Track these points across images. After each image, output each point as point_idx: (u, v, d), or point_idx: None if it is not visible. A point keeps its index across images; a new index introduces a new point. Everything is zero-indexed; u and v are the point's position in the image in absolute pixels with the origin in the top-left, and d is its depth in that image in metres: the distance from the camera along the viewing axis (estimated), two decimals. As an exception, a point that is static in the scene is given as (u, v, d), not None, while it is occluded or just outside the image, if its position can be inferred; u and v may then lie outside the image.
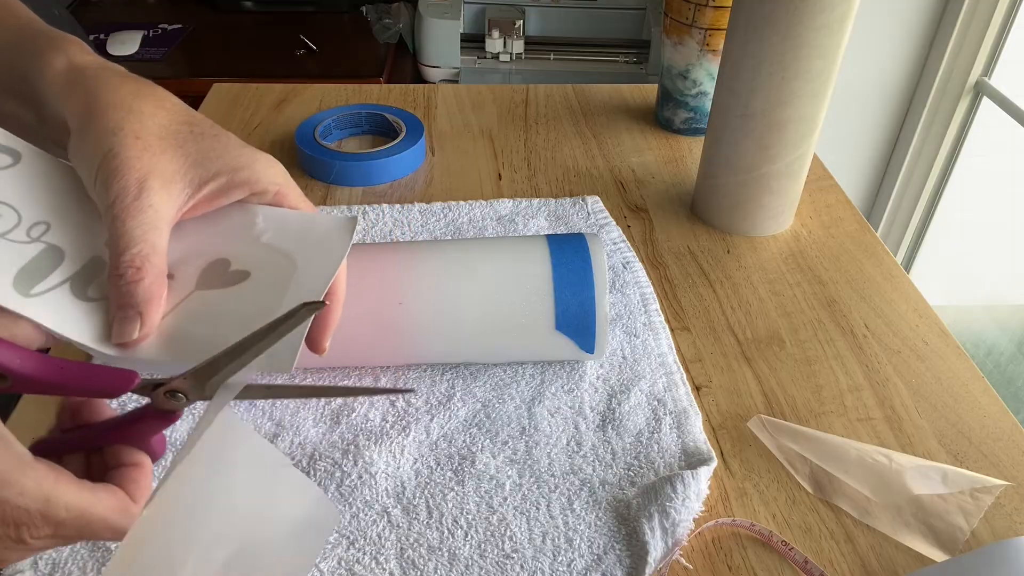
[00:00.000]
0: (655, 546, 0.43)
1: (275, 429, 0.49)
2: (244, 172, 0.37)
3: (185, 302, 0.36)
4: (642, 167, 0.78)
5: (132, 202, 0.33)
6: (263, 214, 0.38)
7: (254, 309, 0.35)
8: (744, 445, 0.50)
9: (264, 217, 0.38)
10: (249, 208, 0.39)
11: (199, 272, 0.37)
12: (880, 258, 0.66)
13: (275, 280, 0.36)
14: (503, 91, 0.91)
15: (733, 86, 0.62)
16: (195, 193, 0.36)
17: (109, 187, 0.33)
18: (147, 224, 0.34)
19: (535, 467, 0.48)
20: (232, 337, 0.33)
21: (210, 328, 0.35)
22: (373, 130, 0.81)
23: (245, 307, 0.35)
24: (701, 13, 0.74)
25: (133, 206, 0.33)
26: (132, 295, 0.33)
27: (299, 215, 0.39)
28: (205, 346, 0.34)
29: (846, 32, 0.58)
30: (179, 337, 0.35)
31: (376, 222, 0.68)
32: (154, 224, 0.34)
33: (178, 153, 0.35)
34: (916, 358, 0.57)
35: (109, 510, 0.31)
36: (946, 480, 0.46)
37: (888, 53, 1.60)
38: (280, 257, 0.37)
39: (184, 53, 1.48)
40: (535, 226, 0.68)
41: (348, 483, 0.46)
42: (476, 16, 1.51)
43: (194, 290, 0.36)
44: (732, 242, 0.68)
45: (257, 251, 0.38)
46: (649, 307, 0.60)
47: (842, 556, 0.44)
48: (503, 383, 0.53)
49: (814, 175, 0.76)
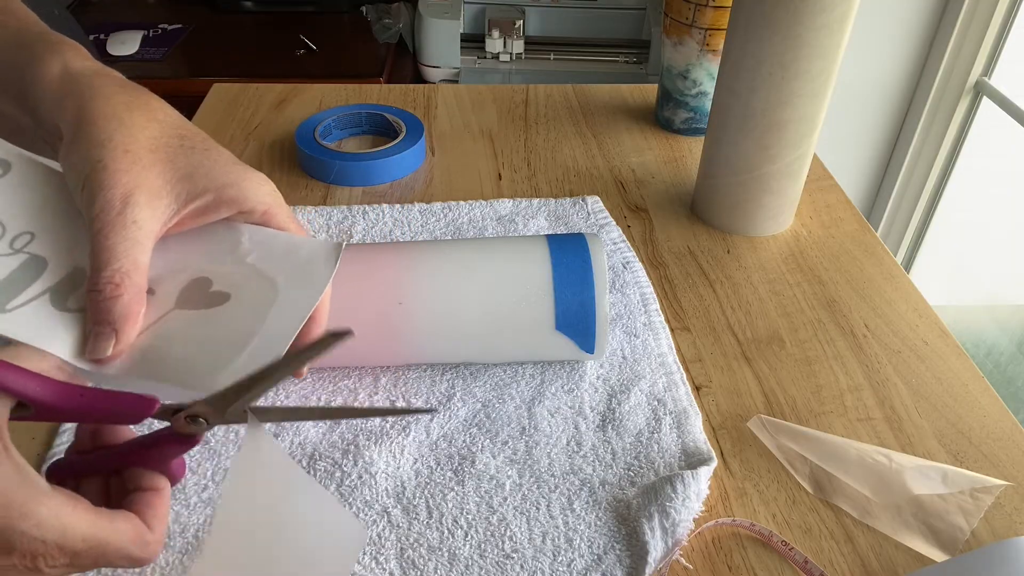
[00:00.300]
0: (655, 546, 0.43)
1: (275, 429, 0.49)
2: (232, 189, 0.36)
3: (163, 320, 0.36)
4: (642, 167, 0.78)
5: (116, 216, 0.33)
6: (249, 233, 0.38)
7: (231, 333, 0.35)
8: (744, 445, 0.50)
9: (250, 237, 0.38)
10: (236, 227, 0.38)
11: (179, 290, 0.37)
12: (880, 258, 0.66)
13: (255, 305, 0.36)
14: (503, 91, 0.91)
15: (733, 86, 0.62)
16: (181, 208, 0.36)
17: (94, 200, 0.33)
18: (130, 240, 0.33)
19: (535, 467, 0.48)
20: (206, 360, 0.33)
21: (185, 349, 0.35)
22: (373, 130, 0.81)
23: (222, 331, 0.35)
24: (701, 13, 0.74)
25: (116, 220, 0.33)
26: (109, 312, 0.33)
27: (286, 238, 0.39)
28: (178, 367, 0.34)
29: (846, 32, 0.58)
30: (152, 358, 0.34)
31: (376, 222, 0.68)
32: (137, 240, 0.34)
33: (167, 167, 0.35)
34: (916, 358, 0.57)
35: (126, 540, 0.31)
36: (946, 480, 0.46)
37: (888, 53, 1.60)
38: (263, 281, 0.37)
39: (184, 53, 1.48)
40: (535, 226, 0.68)
41: (348, 483, 0.46)
42: (476, 16, 1.51)
43: (173, 308, 0.36)
44: (732, 242, 0.68)
45: (240, 272, 0.37)
46: (649, 307, 0.60)
47: (842, 556, 0.44)
48: (503, 383, 0.53)
49: (814, 175, 0.76)
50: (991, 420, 0.52)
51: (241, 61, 1.48)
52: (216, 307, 0.36)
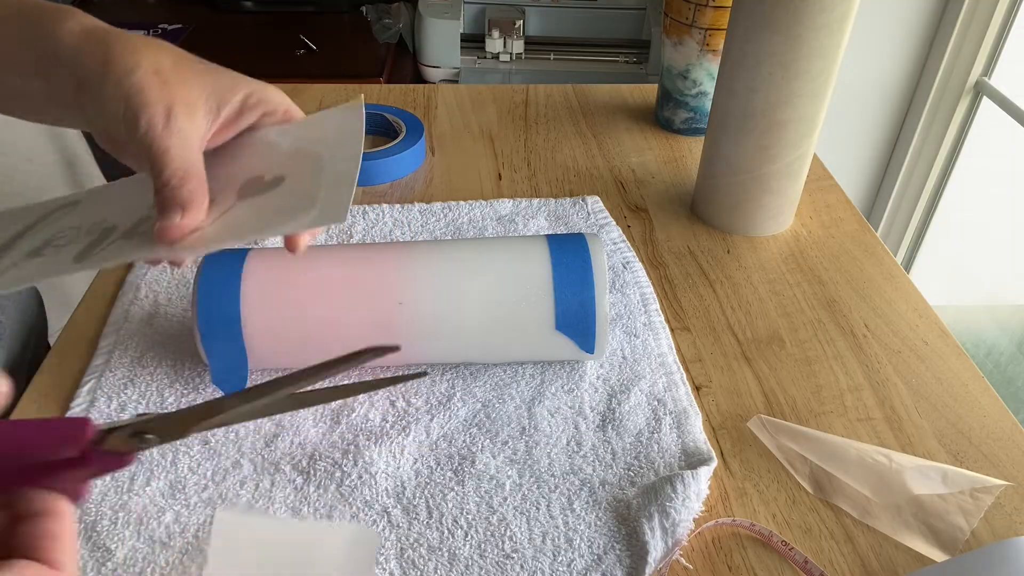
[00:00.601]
0: (655, 546, 0.43)
1: (275, 429, 0.49)
2: (255, 95, 0.40)
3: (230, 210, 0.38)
4: (642, 167, 0.78)
5: (163, 129, 0.36)
6: (275, 131, 0.42)
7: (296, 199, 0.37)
8: (744, 445, 0.50)
9: (277, 132, 0.41)
10: (261, 131, 0.42)
11: (236, 190, 0.39)
12: (880, 258, 0.66)
13: (310, 172, 0.39)
14: (503, 91, 0.91)
15: (733, 86, 0.62)
16: (215, 118, 0.39)
17: (138, 120, 0.36)
18: (181, 145, 0.36)
19: (535, 467, 0.48)
20: (278, 223, 0.36)
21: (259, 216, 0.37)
22: (373, 130, 0.81)
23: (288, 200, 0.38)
24: (701, 13, 0.74)
25: (164, 132, 0.36)
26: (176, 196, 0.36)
27: (308, 118, 0.42)
28: (254, 225, 0.37)
29: (846, 32, 0.58)
30: (229, 223, 0.37)
31: (376, 222, 0.68)
32: (188, 144, 0.37)
33: (195, 82, 0.38)
34: (916, 358, 0.57)
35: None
36: (946, 480, 0.46)
37: (888, 53, 1.60)
38: (305, 155, 0.40)
39: (184, 53, 1.47)
40: (535, 226, 0.68)
41: (348, 483, 0.46)
42: (476, 16, 1.51)
43: (236, 202, 0.39)
44: (732, 242, 0.68)
45: (283, 158, 0.40)
46: (649, 307, 0.60)
47: (842, 556, 0.44)
48: (503, 383, 0.53)
49: (814, 175, 0.76)
50: (991, 420, 0.52)
51: (241, 61, 1.46)
52: (274, 189, 0.39)
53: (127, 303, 0.58)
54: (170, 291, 0.60)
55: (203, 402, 0.32)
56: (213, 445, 0.48)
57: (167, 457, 0.47)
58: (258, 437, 0.49)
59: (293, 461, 0.47)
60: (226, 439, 0.49)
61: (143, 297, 0.59)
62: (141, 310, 0.58)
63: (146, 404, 0.51)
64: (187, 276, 0.61)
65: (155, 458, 0.47)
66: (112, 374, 0.52)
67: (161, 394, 0.51)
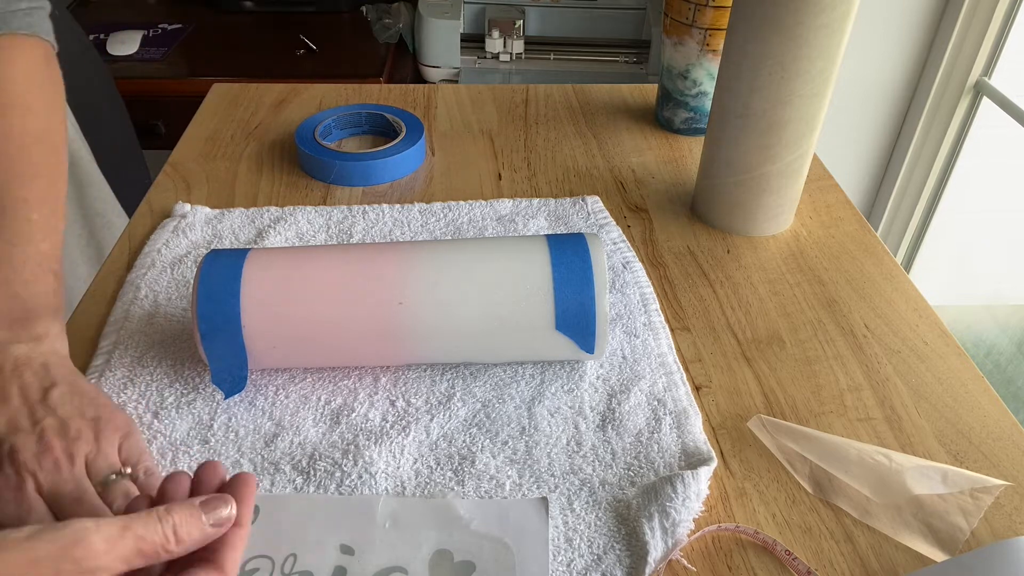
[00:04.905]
0: (655, 546, 0.43)
1: (275, 429, 0.49)
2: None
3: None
4: (642, 167, 0.78)
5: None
6: (463, 504, 0.44)
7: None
8: (744, 445, 0.50)
9: (465, 507, 0.44)
10: (449, 500, 0.45)
11: (427, 565, 0.41)
12: (880, 258, 0.66)
13: (500, 568, 0.41)
14: (503, 91, 0.91)
15: (733, 86, 0.62)
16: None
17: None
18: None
19: (535, 467, 0.48)
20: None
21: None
22: (373, 130, 0.81)
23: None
24: (701, 13, 0.74)
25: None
26: None
27: (495, 503, 0.45)
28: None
29: (846, 32, 0.58)
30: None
31: (376, 222, 0.68)
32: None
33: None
34: (916, 358, 0.57)
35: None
36: (946, 480, 0.46)
37: (888, 53, 1.60)
38: (495, 544, 0.42)
39: (184, 53, 1.48)
40: (535, 226, 0.68)
41: (348, 483, 0.46)
42: (476, 16, 1.51)
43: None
44: (732, 242, 0.68)
45: (471, 541, 0.43)
46: (649, 307, 0.60)
47: (842, 556, 0.44)
48: (503, 383, 0.53)
49: (814, 175, 0.76)
50: (991, 420, 0.52)
51: (241, 61, 1.48)
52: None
53: (127, 303, 0.58)
54: (170, 291, 0.60)
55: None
56: (213, 445, 0.48)
57: (167, 457, 0.47)
58: (258, 437, 0.49)
59: (293, 461, 0.47)
60: (226, 439, 0.49)
61: (143, 297, 0.59)
62: (141, 310, 0.58)
63: (146, 404, 0.51)
64: (187, 276, 0.61)
65: (155, 458, 0.47)
66: (112, 374, 0.52)
67: (161, 394, 0.51)
